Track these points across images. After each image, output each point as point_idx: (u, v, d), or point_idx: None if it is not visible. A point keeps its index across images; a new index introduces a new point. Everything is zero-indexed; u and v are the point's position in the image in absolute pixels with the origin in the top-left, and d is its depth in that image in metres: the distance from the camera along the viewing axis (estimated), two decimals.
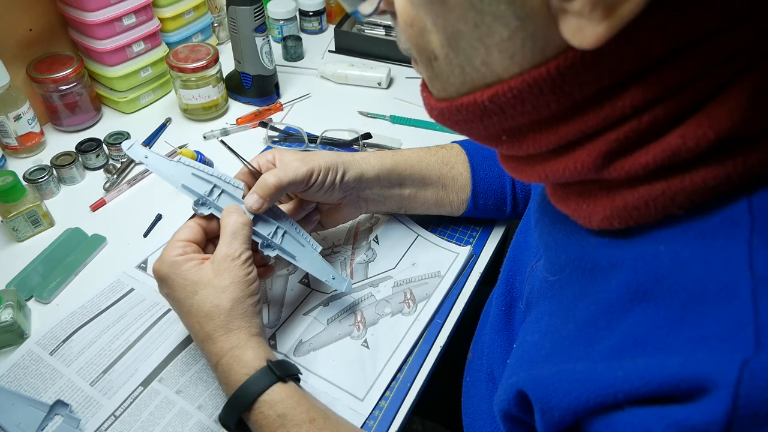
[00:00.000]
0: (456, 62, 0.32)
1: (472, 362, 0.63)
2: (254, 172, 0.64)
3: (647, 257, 0.32)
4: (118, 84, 0.96)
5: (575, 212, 0.36)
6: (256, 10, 0.91)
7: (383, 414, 0.61)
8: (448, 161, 0.73)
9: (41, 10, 0.91)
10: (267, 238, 0.61)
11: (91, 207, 0.83)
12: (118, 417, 0.60)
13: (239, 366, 0.54)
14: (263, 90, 0.99)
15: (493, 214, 0.77)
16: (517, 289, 0.56)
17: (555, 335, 0.37)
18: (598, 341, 0.33)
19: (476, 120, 0.34)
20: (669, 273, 0.30)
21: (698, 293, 0.29)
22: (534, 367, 0.37)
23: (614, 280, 0.33)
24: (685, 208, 0.31)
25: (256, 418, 0.53)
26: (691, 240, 0.30)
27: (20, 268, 0.74)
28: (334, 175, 0.64)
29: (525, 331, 0.44)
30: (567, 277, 0.39)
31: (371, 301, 0.70)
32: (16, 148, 0.89)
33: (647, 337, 0.30)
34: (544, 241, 0.44)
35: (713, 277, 0.29)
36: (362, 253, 0.75)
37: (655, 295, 0.30)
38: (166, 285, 0.57)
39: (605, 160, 0.31)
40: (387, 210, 0.75)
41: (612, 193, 0.33)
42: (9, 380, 0.62)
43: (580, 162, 0.32)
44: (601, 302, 0.34)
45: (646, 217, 0.32)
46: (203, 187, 0.60)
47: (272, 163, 0.65)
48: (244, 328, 0.56)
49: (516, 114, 0.32)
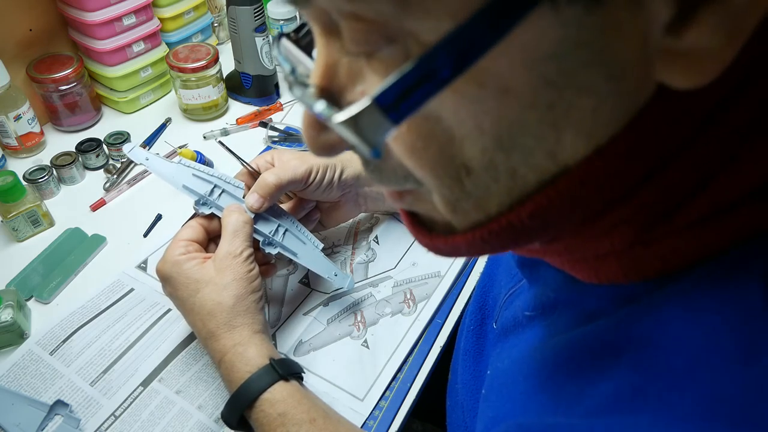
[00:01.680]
0: (505, 166, 0.23)
1: (450, 386, 0.59)
2: (253, 172, 0.64)
3: (650, 309, 0.27)
4: (118, 84, 0.96)
5: (574, 268, 0.31)
6: (256, 10, 0.91)
7: (383, 414, 0.61)
8: None
9: (41, 10, 0.91)
10: (268, 236, 0.62)
11: (91, 207, 0.83)
12: (118, 417, 0.60)
13: (242, 363, 0.54)
14: (263, 90, 0.99)
15: None
16: (489, 306, 0.53)
17: (541, 377, 0.33)
18: (591, 389, 0.28)
19: (507, 243, 0.26)
20: (675, 322, 0.26)
21: (707, 352, 0.24)
22: (523, 413, 0.33)
23: (610, 328, 0.29)
24: (704, 256, 0.26)
25: (257, 416, 0.53)
26: (699, 295, 0.26)
27: (20, 268, 0.74)
28: (333, 173, 0.65)
29: (499, 357, 0.41)
30: (557, 317, 0.35)
31: (371, 301, 0.70)
32: (16, 148, 0.89)
33: (647, 388, 0.25)
34: (529, 277, 0.40)
35: (726, 330, 0.24)
36: (362, 253, 0.75)
37: (658, 346, 0.26)
38: (170, 284, 0.58)
39: (639, 234, 0.26)
40: (387, 209, 0.75)
41: (635, 250, 0.27)
42: (9, 380, 0.62)
43: (617, 241, 0.27)
44: (593, 348, 0.29)
45: (672, 266, 0.27)
46: (204, 187, 0.61)
47: (271, 164, 0.65)
48: (247, 325, 0.56)
49: (565, 217, 0.25)
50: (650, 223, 0.25)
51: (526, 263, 0.40)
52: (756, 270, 0.24)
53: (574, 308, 0.33)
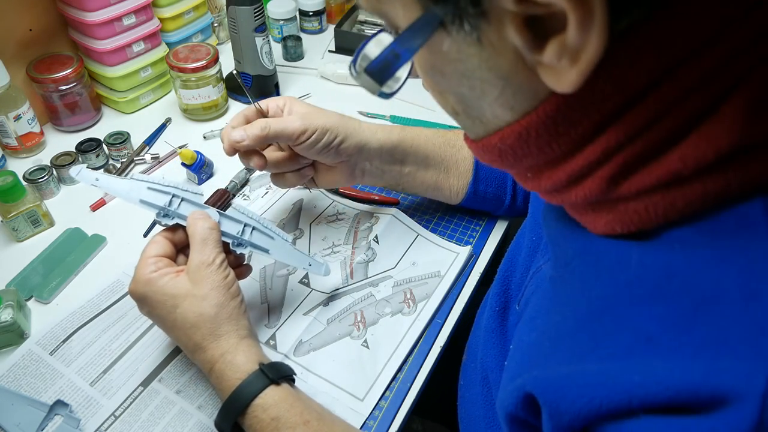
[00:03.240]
0: (473, 115, 0.36)
1: (466, 365, 0.63)
2: (261, 111, 0.66)
3: (658, 255, 0.32)
4: (118, 84, 0.96)
5: (582, 217, 0.37)
6: (256, 10, 0.91)
7: (383, 414, 0.61)
8: (455, 144, 0.73)
9: (41, 10, 0.91)
10: (237, 237, 0.61)
11: (91, 207, 0.83)
12: (118, 417, 0.60)
13: (231, 371, 0.54)
14: (263, 90, 0.99)
15: (491, 205, 0.76)
16: (512, 290, 0.56)
17: (554, 332, 0.37)
18: (604, 338, 0.31)
19: (497, 159, 0.37)
20: (681, 271, 0.30)
21: (714, 292, 0.28)
22: (539, 367, 0.36)
23: (622, 276, 0.33)
24: (684, 213, 0.31)
25: (251, 422, 0.53)
26: (706, 241, 0.30)
27: (20, 268, 0.74)
28: (331, 139, 0.65)
29: (520, 331, 0.43)
30: (570, 272, 0.39)
31: (371, 300, 0.70)
32: (16, 148, 0.89)
33: (660, 334, 0.29)
34: (552, 236, 0.43)
35: (730, 276, 0.28)
36: (362, 253, 0.75)
37: (667, 291, 0.30)
38: (146, 304, 0.57)
39: (610, 185, 0.33)
40: (384, 184, 0.74)
41: (616, 204, 0.34)
42: (9, 380, 0.62)
43: (588, 189, 0.34)
44: (606, 297, 0.33)
45: (647, 222, 0.32)
46: (162, 199, 0.60)
47: (281, 110, 0.67)
48: (233, 332, 0.56)
49: (525, 155, 0.35)
50: (612, 178, 0.32)
51: (550, 229, 0.45)
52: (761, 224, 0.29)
53: (585, 259, 0.38)
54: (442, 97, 0.37)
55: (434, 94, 0.37)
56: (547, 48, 0.28)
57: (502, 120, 0.34)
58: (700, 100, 0.29)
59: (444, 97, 0.37)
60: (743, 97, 0.28)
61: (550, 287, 0.41)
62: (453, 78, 0.34)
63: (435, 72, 0.34)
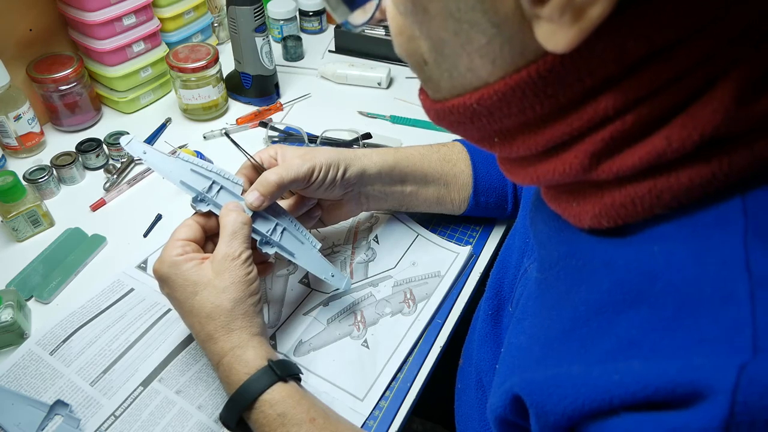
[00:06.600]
0: (444, 67, 0.33)
1: (462, 368, 0.63)
2: (257, 166, 0.64)
3: (641, 257, 0.32)
4: (118, 84, 0.96)
5: (566, 211, 0.37)
6: (256, 10, 0.91)
7: (383, 414, 0.61)
8: (450, 159, 0.73)
9: (41, 10, 0.91)
10: (266, 236, 0.61)
11: (91, 207, 0.83)
12: (118, 417, 0.60)
13: (240, 365, 0.54)
14: (263, 90, 0.99)
15: (494, 213, 0.77)
16: (505, 292, 0.56)
17: (542, 336, 0.37)
18: (592, 343, 0.32)
19: (467, 121, 0.35)
20: (663, 273, 0.30)
21: (693, 295, 0.29)
22: (527, 370, 0.36)
23: (607, 279, 0.33)
24: (671, 207, 0.31)
25: (257, 417, 0.53)
26: (685, 239, 0.30)
27: (20, 268, 0.74)
28: (336, 172, 0.64)
29: (511, 333, 0.44)
30: (555, 275, 0.39)
31: (371, 300, 0.70)
32: (16, 148, 0.89)
33: (642, 339, 0.30)
34: (538, 238, 0.43)
35: (708, 278, 0.28)
36: (362, 253, 0.75)
37: (649, 296, 0.30)
38: (167, 285, 0.57)
39: (592, 161, 0.32)
40: (388, 207, 0.74)
41: (601, 192, 0.33)
42: (9, 380, 0.62)
43: (568, 163, 0.33)
44: (592, 302, 0.33)
45: (633, 216, 0.32)
46: (202, 183, 0.60)
47: (274, 159, 0.65)
48: (245, 328, 0.56)
49: (503, 116, 0.33)
50: (595, 154, 0.31)
51: (537, 231, 0.44)
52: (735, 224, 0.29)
53: (571, 262, 0.37)
54: (411, 43, 0.34)
55: (401, 39, 0.35)
56: (551, 0, 0.26)
57: (476, 75, 0.32)
58: (695, 80, 0.28)
59: (414, 42, 0.34)
60: (731, 83, 0.28)
61: (536, 290, 0.42)
62: (437, 18, 0.31)
63: (417, 9, 0.32)
